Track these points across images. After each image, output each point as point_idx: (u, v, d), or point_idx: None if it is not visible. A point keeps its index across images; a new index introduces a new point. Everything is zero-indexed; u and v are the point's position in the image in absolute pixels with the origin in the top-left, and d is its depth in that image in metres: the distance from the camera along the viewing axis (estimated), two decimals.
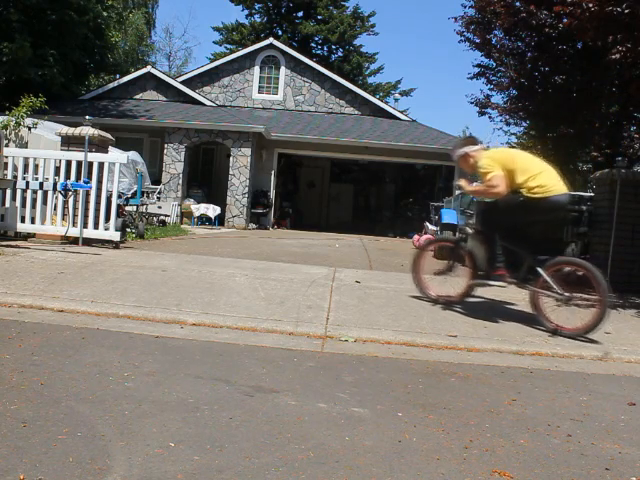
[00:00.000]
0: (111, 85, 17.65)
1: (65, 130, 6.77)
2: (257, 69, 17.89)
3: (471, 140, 4.50)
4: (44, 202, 6.57)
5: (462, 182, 4.46)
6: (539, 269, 3.95)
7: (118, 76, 19.75)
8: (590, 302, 3.80)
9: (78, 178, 6.27)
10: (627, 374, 3.11)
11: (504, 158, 4.16)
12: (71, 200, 6.36)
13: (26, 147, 7.78)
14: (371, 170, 19.42)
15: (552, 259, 4.00)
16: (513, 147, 19.23)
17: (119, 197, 7.60)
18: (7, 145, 7.34)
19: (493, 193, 4.05)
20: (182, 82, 17.62)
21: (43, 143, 7.80)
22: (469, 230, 4.57)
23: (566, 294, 3.84)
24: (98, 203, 6.47)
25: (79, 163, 6.33)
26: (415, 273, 4.57)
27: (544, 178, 4.02)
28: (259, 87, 18.03)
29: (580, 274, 3.88)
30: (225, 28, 28.34)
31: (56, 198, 6.45)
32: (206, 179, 17.27)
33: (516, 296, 4.73)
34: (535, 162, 4.24)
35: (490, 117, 11.72)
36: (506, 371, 2.98)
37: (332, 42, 26.75)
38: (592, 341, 3.69)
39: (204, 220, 15.11)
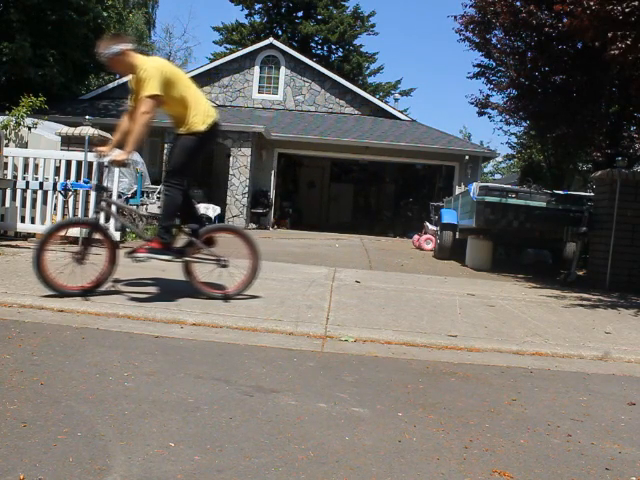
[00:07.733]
0: (111, 85, 17.64)
1: (65, 130, 6.77)
2: (257, 69, 17.87)
3: (123, 37, 3.96)
4: (44, 202, 6.58)
5: (102, 149, 3.82)
6: (193, 238, 3.87)
7: (118, 76, 19.74)
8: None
9: (78, 178, 6.28)
10: (627, 374, 3.11)
11: (172, 75, 3.72)
12: (71, 200, 6.37)
13: (26, 147, 7.78)
14: (371, 170, 19.40)
15: (206, 227, 3.95)
16: (513, 147, 19.15)
17: (119, 197, 7.60)
18: (7, 145, 7.34)
19: (144, 123, 3.53)
20: None
21: (43, 143, 7.80)
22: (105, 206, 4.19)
23: (223, 259, 3.91)
24: None
25: (79, 163, 6.33)
26: (39, 267, 3.61)
27: (203, 99, 3.79)
28: (259, 87, 18.00)
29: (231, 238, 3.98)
30: (225, 28, 28.32)
31: (56, 198, 6.45)
32: (206, 179, 17.26)
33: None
34: (189, 82, 3.86)
35: (490, 117, 11.73)
36: (506, 371, 2.98)
37: (332, 42, 26.73)
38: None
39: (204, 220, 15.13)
